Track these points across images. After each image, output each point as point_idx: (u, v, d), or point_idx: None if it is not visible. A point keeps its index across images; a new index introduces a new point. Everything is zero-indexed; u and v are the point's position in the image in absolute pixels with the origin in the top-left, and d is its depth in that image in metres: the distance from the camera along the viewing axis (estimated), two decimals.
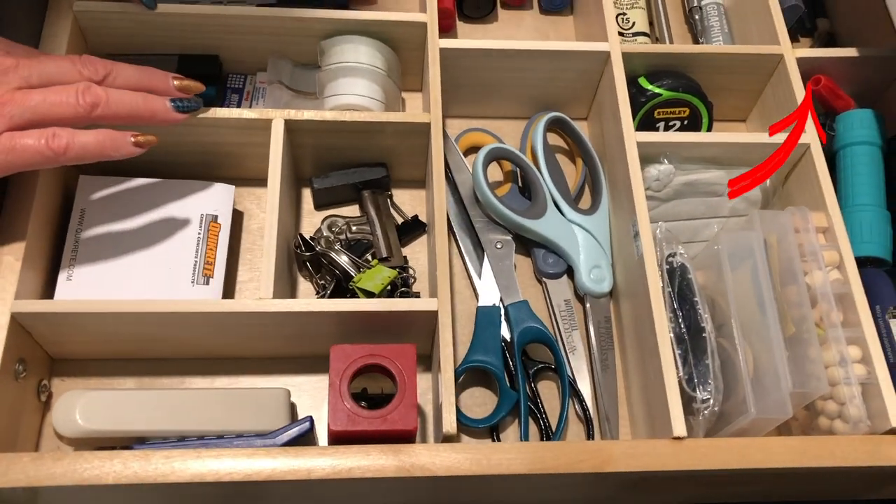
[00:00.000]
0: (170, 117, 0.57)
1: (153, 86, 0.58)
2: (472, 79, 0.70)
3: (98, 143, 0.53)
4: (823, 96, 0.69)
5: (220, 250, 0.61)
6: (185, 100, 0.58)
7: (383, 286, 0.61)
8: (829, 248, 0.61)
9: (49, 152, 0.51)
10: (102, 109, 0.53)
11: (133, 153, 0.55)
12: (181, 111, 0.58)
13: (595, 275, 0.65)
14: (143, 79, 0.57)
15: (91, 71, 0.55)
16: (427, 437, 0.60)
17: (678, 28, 0.81)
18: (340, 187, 0.67)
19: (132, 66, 0.57)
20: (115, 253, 0.60)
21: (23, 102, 0.52)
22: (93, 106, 0.53)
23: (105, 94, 0.54)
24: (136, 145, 0.55)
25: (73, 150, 0.52)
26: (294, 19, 0.67)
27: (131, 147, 0.55)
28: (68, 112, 0.53)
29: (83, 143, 0.52)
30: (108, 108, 0.54)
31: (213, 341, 0.59)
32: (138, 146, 0.55)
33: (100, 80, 0.55)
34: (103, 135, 0.54)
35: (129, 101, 0.55)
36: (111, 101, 0.54)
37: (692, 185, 0.65)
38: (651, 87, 0.67)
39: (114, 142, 0.54)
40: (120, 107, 0.54)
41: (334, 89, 0.66)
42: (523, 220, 0.65)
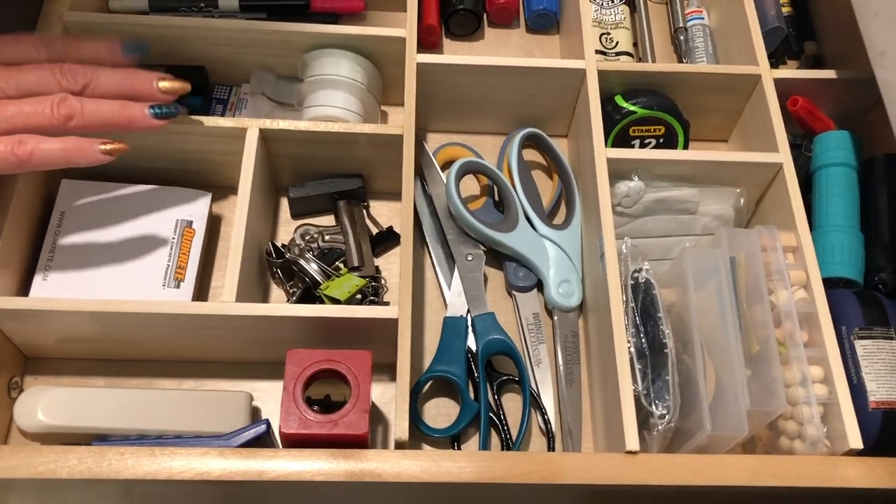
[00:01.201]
0: (147, 125, 0.57)
1: (136, 89, 0.57)
2: (451, 94, 0.71)
3: (64, 150, 0.54)
4: (801, 117, 0.69)
5: (193, 255, 0.63)
6: (163, 106, 0.58)
7: (351, 294, 0.61)
8: (797, 268, 0.60)
9: (14, 158, 0.52)
10: (77, 121, 0.54)
11: (102, 161, 0.56)
12: (159, 118, 0.57)
13: (564, 289, 0.65)
14: (126, 83, 0.57)
15: (70, 81, 0.55)
16: (389, 443, 0.61)
17: (663, 48, 0.81)
18: (316, 197, 0.68)
19: (114, 70, 0.57)
20: (90, 255, 0.62)
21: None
22: (67, 118, 0.54)
23: (80, 106, 0.54)
24: (105, 153, 0.55)
25: (37, 156, 0.53)
26: (277, 33, 0.68)
27: (99, 155, 0.55)
28: (43, 123, 0.53)
29: (48, 150, 0.53)
30: (84, 119, 0.54)
31: (181, 344, 0.60)
32: (107, 154, 0.55)
33: (79, 89, 0.55)
34: (70, 142, 0.54)
35: (105, 112, 0.55)
36: (86, 113, 0.54)
37: (663, 202, 0.65)
38: (626, 105, 0.67)
39: (80, 149, 0.54)
40: (96, 117, 0.55)
41: (313, 101, 0.68)
42: (494, 233, 0.65)
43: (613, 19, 0.78)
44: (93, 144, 0.55)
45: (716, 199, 0.66)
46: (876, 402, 0.56)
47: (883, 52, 0.59)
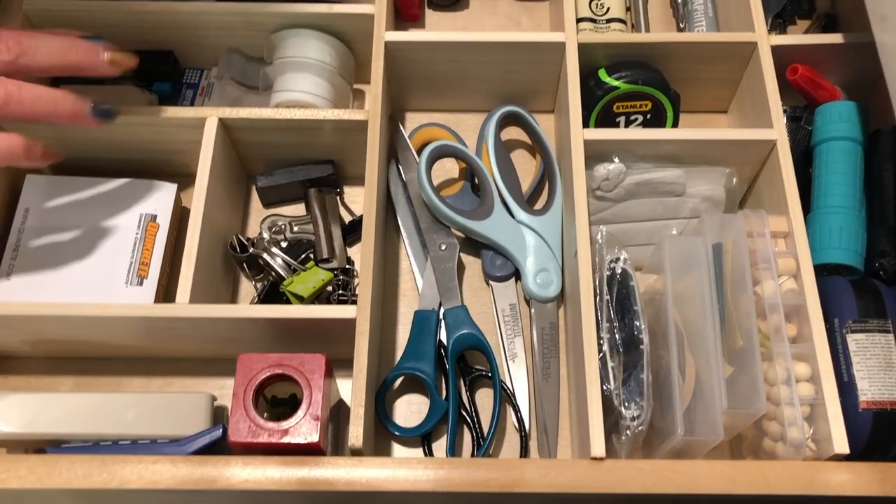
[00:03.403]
0: (86, 121, 0.54)
1: (80, 60, 0.53)
2: (427, 72, 0.67)
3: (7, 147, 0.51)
4: (802, 87, 0.64)
5: (157, 251, 0.61)
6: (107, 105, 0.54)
7: (315, 290, 0.59)
8: (787, 256, 0.56)
9: None
10: (14, 107, 0.50)
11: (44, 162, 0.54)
12: (100, 115, 0.54)
13: (541, 279, 0.62)
14: (68, 53, 0.52)
15: (2, 49, 0.50)
16: None
17: (661, 12, 0.76)
18: (286, 185, 0.65)
19: (55, 37, 0.52)
20: (54, 252, 0.60)
21: None
22: (4, 102, 0.50)
23: (17, 89, 0.50)
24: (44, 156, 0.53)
25: None
26: (242, 14, 0.65)
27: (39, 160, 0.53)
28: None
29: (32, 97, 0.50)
30: (20, 104, 0.50)
31: (145, 342, 0.59)
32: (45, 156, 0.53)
33: (13, 58, 0.50)
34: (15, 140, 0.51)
35: (44, 99, 0.51)
36: (24, 96, 0.50)
37: (647, 184, 0.61)
38: (609, 80, 0.63)
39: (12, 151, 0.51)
40: (33, 104, 0.51)
41: (280, 85, 0.65)
42: (467, 221, 0.62)
43: None
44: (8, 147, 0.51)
45: (705, 179, 0.62)
46: (867, 403, 0.52)
47: (883, 17, 0.54)
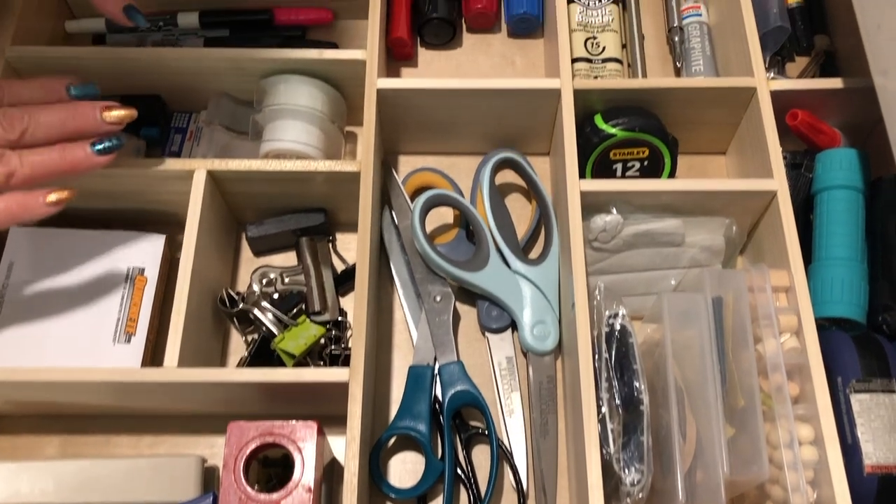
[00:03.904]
0: (92, 164, 0.53)
1: (79, 126, 0.53)
2: (419, 117, 0.66)
3: (6, 210, 0.50)
4: (802, 132, 0.63)
5: (145, 306, 0.60)
6: (105, 140, 0.53)
7: (307, 346, 0.58)
8: (788, 312, 0.55)
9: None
10: (18, 178, 0.50)
11: (48, 213, 0.52)
12: (104, 153, 0.53)
13: (538, 331, 0.61)
14: (68, 121, 0.52)
15: (7, 129, 0.51)
16: None
17: (657, 49, 0.75)
18: (277, 234, 0.64)
19: (53, 107, 0.53)
20: (40, 308, 0.59)
21: None
22: (7, 176, 0.50)
23: (19, 161, 0.50)
24: (52, 205, 0.52)
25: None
26: (231, 60, 0.64)
27: (45, 208, 0.52)
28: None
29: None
30: (24, 174, 0.50)
31: (133, 403, 0.58)
32: (53, 206, 0.52)
33: (17, 137, 0.51)
34: (13, 200, 0.50)
35: (46, 162, 0.51)
36: (26, 167, 0.50)
37: (645, 235, 0.60)
38: (605, 127, 0.62)
39: (24, 207, 0.51)
40: (37, 170, 0.51)
41: (269, 133, 0.63)
42: (462, 272, 0.61)
43: (601, 21, 0.71)
44: (37, 199, 0.51)
45: (704, 229, 0.61)
46: (872, 467, 0.51)
47: (885, 72, 0.53)
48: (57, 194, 0.52)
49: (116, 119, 0.53)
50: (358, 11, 0.73)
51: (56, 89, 0.54)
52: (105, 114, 0.53)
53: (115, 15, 0.57)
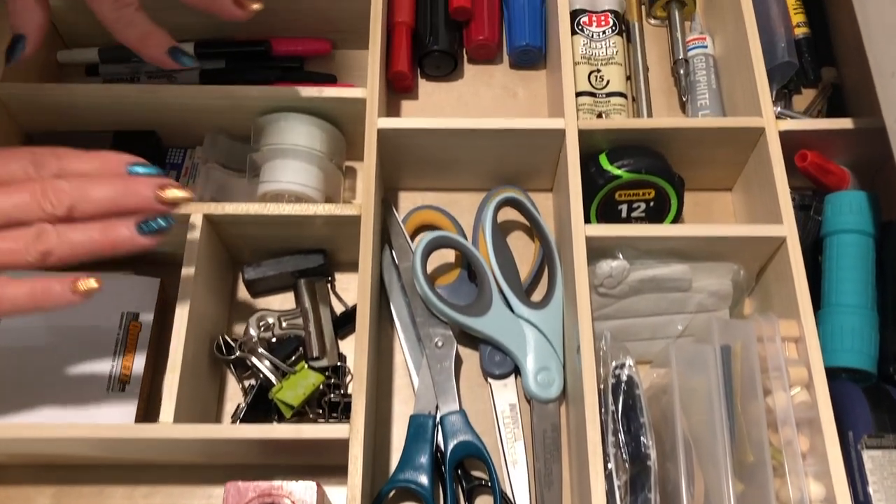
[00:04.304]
0: (136, 245, 0.48)
1: (131, 205, 0.48)
2: (419, 154, 0.64)
3: (31, 296, 0.46)
4: (811, 173, 0.62)
5: (139, 353, 0.58)
6: (152, 221, 0.48)
7: (305, 396, 0.57)
8: (798, 364, 0.54)
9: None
10: (56, 257, 0.46)
11: (72, 303, 0.47)
12: (150, 234, 0.48)
13: (542, 378, 0.59)
14: (119, 199, 0.48)
15: (55, 203, 0.46)
16: None
17: (662, 81, 0.73)
18: (275, 276, 0.63)
19: (105, 182, 0.48)
20: (31, 355, 0.58)
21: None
22: (45, 255, 0.46)
23: (57, 238, 0.46)
24: (77, 296, 0.47)
25: (3, 304, 0.46)
26: (227, 98, 0.63)
27: (71, 298, 0.47)
28: (18, 261, 0.46)
29: (14, 296, 0.46)
30: (62, 253, 0.46)
31: (127, 456, 0.56)
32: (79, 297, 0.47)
33: (65, 212, 0.47)
34: (38, 287, 0.46)
35: (85, 242, 0.47)
36: (64, 245, 0.46)
37: (652, 281, 0.59)
38: (610, 169, 0.61)
39: (48, 295, 0.46)
40: (76, 250, 0.46)
41: (267, 174, 0.62)
42: (465, 318, 0.60)
43: (605, 53, 0.70)
44: (64, 289, 0.47)
45: (711, 274, 0.59)
46: None
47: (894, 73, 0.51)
48: (85, 285, 0.47)
49: (172, 199, 0.48)
50: (357, 42, 0.72)
51: (115, 166, 0.50)
52: (160, 193, 0.48)
53: (160, 59, 0.54)
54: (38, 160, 0.48)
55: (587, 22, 0.71)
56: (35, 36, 0.55)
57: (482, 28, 0.71)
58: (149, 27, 0.54)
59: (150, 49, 0.54)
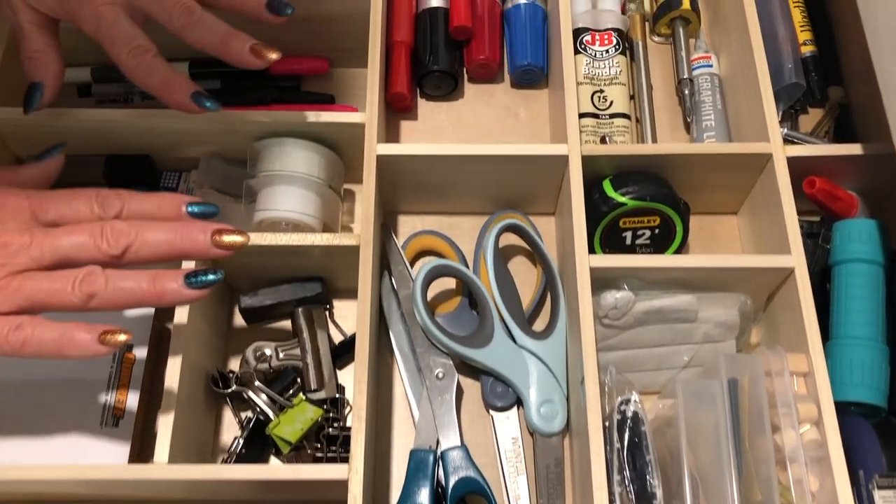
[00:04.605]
0: (182, 298, 0.48)
1: (186, 249, 0.48)
2: (419, 179, 0.63)
3: (57, 342, 0.46)
4: (819, 200, 0.60)
5: (133, 386, 0.57)
6: (202, 274, 0.48)
7: (303, 431, 0.56)
8: (807, 400, 0.53)
9: (6, 345, 0.45)
10: (99, 300, 0.46)
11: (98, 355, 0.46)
12: (198, 287, 0.47)
13: (546, 410, 0.58)
14: (175, 242, 0.48)
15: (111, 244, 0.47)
16: None
17: (666, 100, 0.72)
18: (273, 305, 0.61)
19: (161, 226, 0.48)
20: (23, 392, 0.56)
21: (18, 290, 0.46)
22: (88, 296, 0.46)
23: (104, 283, 0.46)
24: (102, 345, 0.46)
25: (29, 346, 0.45)
26: (223, 123, 0.61)
27: (94, 347, 0.46)
28: (63, 301, 0.46)
29: (41, 340, 0.45)
30: (106, 298, 0.46)
31: (122, 493, 0.55)
32: (103, 347, 0.46)
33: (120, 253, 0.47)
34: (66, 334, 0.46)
35: (132, 289, 0.46)
36: (110, 291, 0.46)
37: (658, 312, 0.57)
38: (615, 196, 0.59)
39: (73, 343, 0.46)
40: (119, 297, 0.46)
41: (264, 200, 0.61)
42: (466, 349, 0.58)
43: (608, 73, 0.69)
44: (89, 337, 0.46)
45: (718, 304, 0.58)
46: None
47: None
48: (113, 339, 0.46)
49: (229, 245, 0.49)
50: (355, 60, 0.70)
51: (174, 206, 0.50)
52: (216, 237, 0.48)
53: (184, 105, 0.54)
54: (103, 200, 0.49)
55: (590, 41, 0.69)
56: (53, 83, 0.56)
57: (483, 47, 0.70)
58: (169, 73, 0.54)
59: (174, 95, 0.54)
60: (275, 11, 0.55)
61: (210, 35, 0.54)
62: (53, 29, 0.56)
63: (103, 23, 0.53)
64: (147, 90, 0.54)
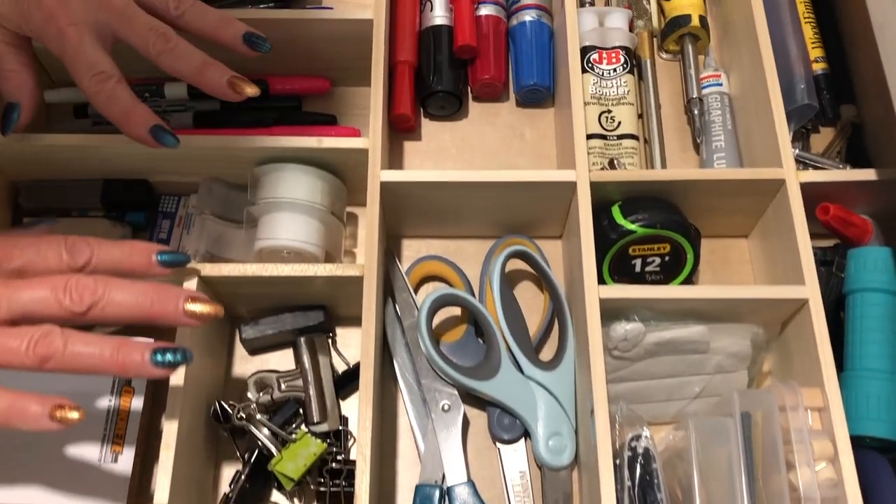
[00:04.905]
0: (144, 373, 0.45)
1: (155, 315, 0.46)
2: (423, 205, 0.62)
3: (4, 412, 0.43)
4: (833, 227, 0.59)
5: (132, 421, 0.56)
6: (169, 352, 0.45)
7: (306, 468, 0.54)
8: (822, 437, 0.52)
9: None
10: (55, 363, 0.43)
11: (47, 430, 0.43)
12: (163, 367, 0.45)
13: (554, 444, 0.57)
14: (144, 306, 0.45)
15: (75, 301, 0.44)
16: None
17: (675, 120, 0.71)
18: (274, 334, 0.60)
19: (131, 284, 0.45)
20: None
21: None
22: (43, 359, 0.43)
23: (62, 346, 0.43)
24: (54, 423, 0.43)
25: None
26: (221, 148, 0.60)
27: (46, 423, 0.43)
28: (13, 361, 0.43)
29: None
30: (63, 362, 0.43)
31: None
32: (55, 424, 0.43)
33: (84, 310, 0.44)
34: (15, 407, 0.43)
35: (93, 359, 0.44)
36: (68, 356, 0.43)
37: (669, 343, 0.56)
38: (624, 223, 0.58)
39: (23, 417, 0.43)
40: (78, 362, 0.44)
41: (265, 228, 0.59)
42: (473, 382, 0.57)
43: (615, 93, 0.67)
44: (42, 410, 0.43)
45: (730, 335, 0.57)
46: None
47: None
48: (63, 414, 0.43)
49: (199, 316, 0.46)
50: (357, 78, 0.69)
51: (144, 254, 0.48)
52: (188, 307, 0.46)
53: (142, 138, 0.52)
54: (71, 246, 0.47)
55: (597, 59, 0.68)
56: (29, 103, 0.55)
57: (488, 67, 0.68)
58: (131, 103, 0.52)
59: (133, 127, 0.52)
60: (251, 46, 0.54)
61: (186, 64, 0.52)
62: (27, 48, 0.55)
63: (67, 44, 0.51)
64: (107, 118, 0.52)
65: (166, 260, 0.49)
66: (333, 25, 0.64)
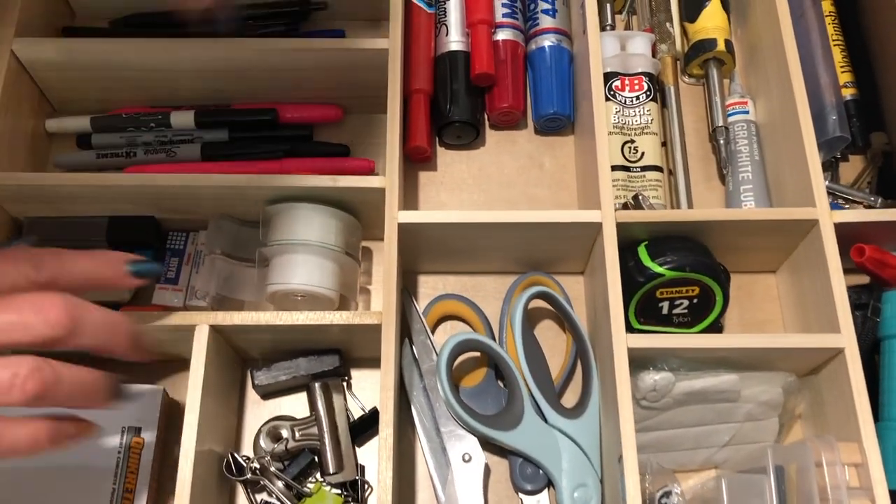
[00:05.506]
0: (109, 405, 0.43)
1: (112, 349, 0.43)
2: (441, 244, 0.59)
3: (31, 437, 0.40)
4: (868, 268, 0.57)
5: (143, 473, 0.54)
6: None
7: None
8: (861, 496, 0.50)
9: None
10: (51, 400, 0.40)
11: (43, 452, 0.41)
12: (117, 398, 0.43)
13: (580, 496, 0.55)
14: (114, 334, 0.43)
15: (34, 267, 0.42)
16: None
17: (699, 148, 0.68)
18: (288, 380, 0.58)
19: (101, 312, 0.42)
20: (27, 477, 0.53)
21: None
22: (35, 397, 0.39)
23: (54, 378, 0.40)
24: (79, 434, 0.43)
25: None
26: (233, 187, 0.57)
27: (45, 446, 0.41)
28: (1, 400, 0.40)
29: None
30: (59, 396, 0.40)
31: None
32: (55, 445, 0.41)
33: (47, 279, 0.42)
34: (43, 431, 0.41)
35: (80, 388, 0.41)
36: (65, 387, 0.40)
37: (699, 393, 0.54)
38: (652, 266, 0.56)
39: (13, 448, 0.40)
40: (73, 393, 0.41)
41: (277, 271, 0.57)
42: (495, 432, 0.55)
43: (639, 122, 0.65)
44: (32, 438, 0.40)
45: (761, 383, 0.55)
46: None
47: None
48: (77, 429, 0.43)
49: None
50: (369, 106, 0.66)
51: (118, 267, 0.46)
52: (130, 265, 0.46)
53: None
54: (38, 262, 0.43)
55: (619, 87, 0.65)
56: None
57: (506, 95, 0.66)
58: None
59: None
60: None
61: None
62: None
63: None
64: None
65: (137, 270, 0.46)
66: (346, 55, 0.62)
